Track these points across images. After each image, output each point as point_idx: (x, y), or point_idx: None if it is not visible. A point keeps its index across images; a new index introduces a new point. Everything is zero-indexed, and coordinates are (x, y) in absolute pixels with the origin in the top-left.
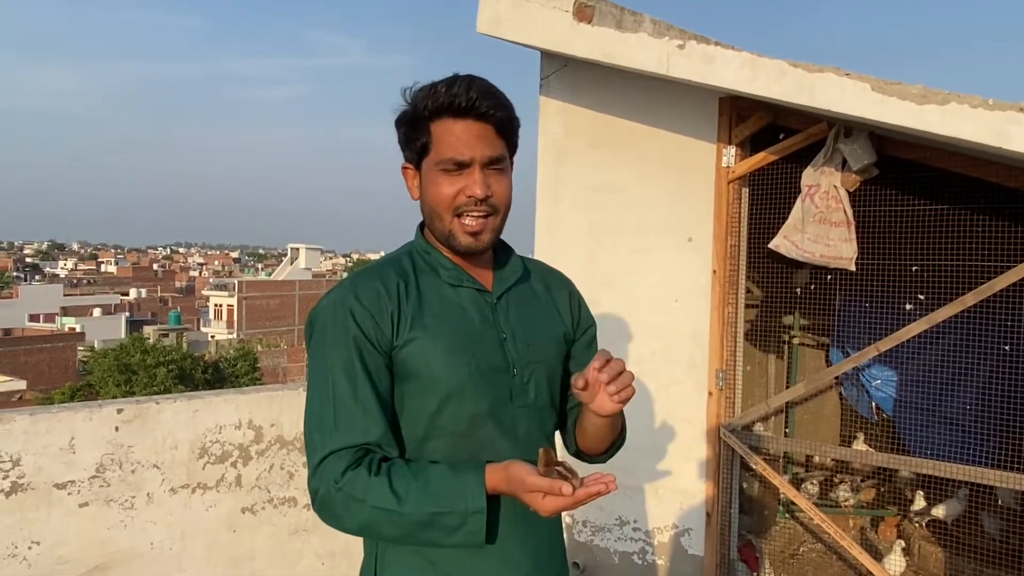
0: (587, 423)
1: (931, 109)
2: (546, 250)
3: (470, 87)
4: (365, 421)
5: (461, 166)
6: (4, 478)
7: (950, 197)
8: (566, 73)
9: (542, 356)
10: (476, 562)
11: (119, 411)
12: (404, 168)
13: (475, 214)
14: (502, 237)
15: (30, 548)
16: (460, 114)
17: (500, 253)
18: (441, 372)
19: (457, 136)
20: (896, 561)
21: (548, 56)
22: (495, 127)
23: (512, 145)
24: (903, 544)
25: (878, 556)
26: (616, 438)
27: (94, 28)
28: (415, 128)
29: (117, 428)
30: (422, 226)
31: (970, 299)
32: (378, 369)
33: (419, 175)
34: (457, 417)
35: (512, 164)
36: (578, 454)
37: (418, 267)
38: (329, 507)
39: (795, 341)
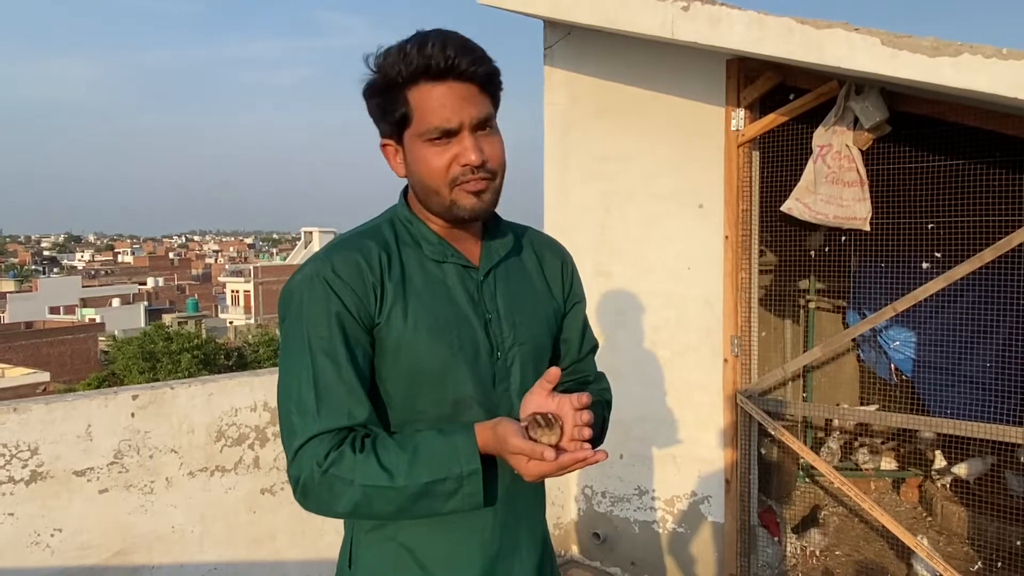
0: None
1: (944, 61)
2: (556, 222)
3: (445, 45)
4: (349, 402)
5: (449, 134)
6: (23, 467)
7: (965, 152)
8: (570, 42)
9: (527, 336)
10: (454, 548)
11: (134, 397)
12: (383, 145)
13: (474, 180)
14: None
15: (52, 535)
16: (439, 76)
17: (489, 224)
18: (422, 354)
19: (440, 102)
20: None
21: (551, 25)
22: (479, 85)
23: (496, 100)
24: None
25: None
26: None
27: (102, 16)
28: (389, 99)
29: (133, 414)
30: (405, 191)
31: (988, 255)
32: (361, 346)
33: (401, 150)
34: (439, 401)
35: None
36: None
37: (400, 239)
38: (314, 492)
39: (811, 305)
